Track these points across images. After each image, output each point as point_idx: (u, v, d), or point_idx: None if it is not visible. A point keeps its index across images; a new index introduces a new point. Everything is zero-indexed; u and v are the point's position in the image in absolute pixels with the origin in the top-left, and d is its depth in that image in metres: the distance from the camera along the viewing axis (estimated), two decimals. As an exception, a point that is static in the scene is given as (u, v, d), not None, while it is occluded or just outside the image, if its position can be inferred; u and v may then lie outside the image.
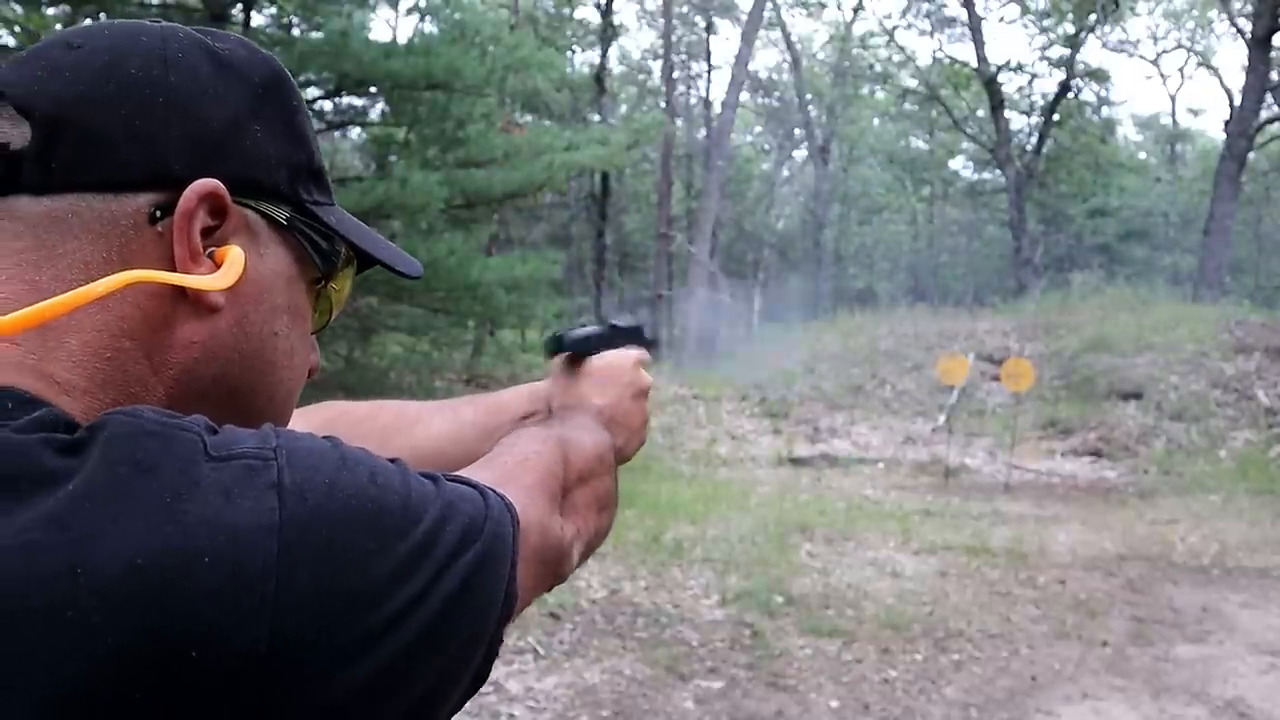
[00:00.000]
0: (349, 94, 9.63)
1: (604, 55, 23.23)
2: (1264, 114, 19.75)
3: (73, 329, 0.52)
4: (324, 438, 0.51)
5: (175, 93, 0.55)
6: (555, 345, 0.95)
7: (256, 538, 0.44)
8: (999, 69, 25.75)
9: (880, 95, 33.80)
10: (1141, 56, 36.27)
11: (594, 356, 0.95)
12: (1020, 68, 28.03)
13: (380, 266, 0.68)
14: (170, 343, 0.54)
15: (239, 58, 0.58)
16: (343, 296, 0.67)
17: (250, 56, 0.59)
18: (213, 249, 0.55)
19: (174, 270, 0.54)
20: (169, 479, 0.44)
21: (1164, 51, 33.39)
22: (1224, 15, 23.46)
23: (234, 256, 0.55)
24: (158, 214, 0.54)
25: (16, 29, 8.64)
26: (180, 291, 0.54)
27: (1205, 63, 31.74)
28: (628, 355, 0.95)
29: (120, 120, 0.53)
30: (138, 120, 0.53)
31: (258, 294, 0.58)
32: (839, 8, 33.71)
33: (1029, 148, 27.89)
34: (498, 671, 4.33)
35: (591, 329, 0.97)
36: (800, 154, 35.86)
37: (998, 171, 28.09)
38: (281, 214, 0.59)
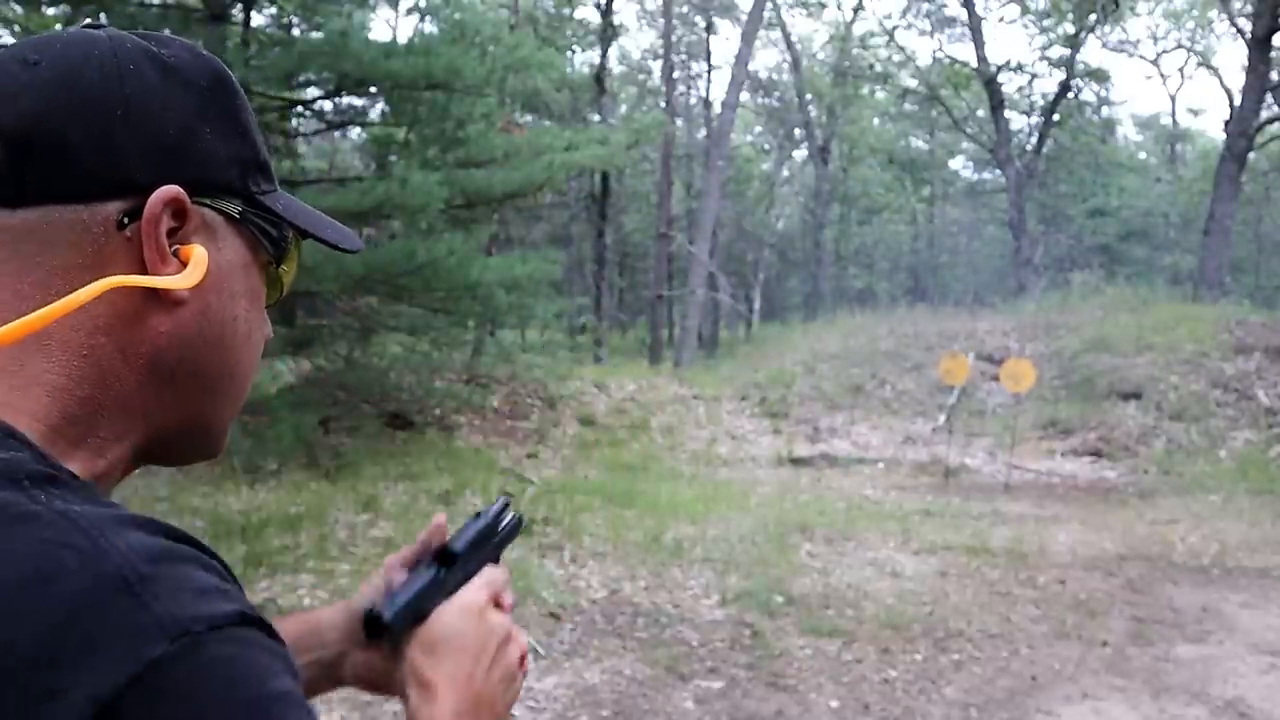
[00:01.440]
0: (349, 94, 9.62)
1: (604, 55, 23.21)
2: (1264, 114, 19.73)
3: (54, 329, 0.56)
4: (288, 682, 0.50)
5: (131, 104, 0.58)
6: (375, 628, 0.74)
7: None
8: (999, 69, 25.74)
9: (880, 95, 33.79)
10: (1141, 56, 36.39)
11: (432, 615, 0.75)
12: (1020, 68, 28.07)
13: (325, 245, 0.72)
14: (140, 336, 0.58)
15: (184, 62, 0.62)
16: (292, 273, 0.71)
17: (194, 60, 0.62)
18: (177, 247, 0.59)
19: (144, 271, 0.58)
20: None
21: (1164, 51, 33.44)
22: (1224, 15, 23.44)
23: (199, 257, 0.59)
24: (125, 220, 0.57)
25: (17, 29, 8.65)
26: (149, 289, 0.58)
27: (1205, 63, 31.74)
28: (469, 611, 0.75)
29: (84, 133, 0.56)
30: (99, 132, 0.57)
31: (218, 284, 0.62)
32: (839, 8, 33.71)
33: (1029, 148, 27.91)
34: (498, 671, 4.32)
35: (420, 580, 0.76)
36: (800, 154, 35.85)
37: (998, 171, 28.11)
38: (235, 208, 0.63)
